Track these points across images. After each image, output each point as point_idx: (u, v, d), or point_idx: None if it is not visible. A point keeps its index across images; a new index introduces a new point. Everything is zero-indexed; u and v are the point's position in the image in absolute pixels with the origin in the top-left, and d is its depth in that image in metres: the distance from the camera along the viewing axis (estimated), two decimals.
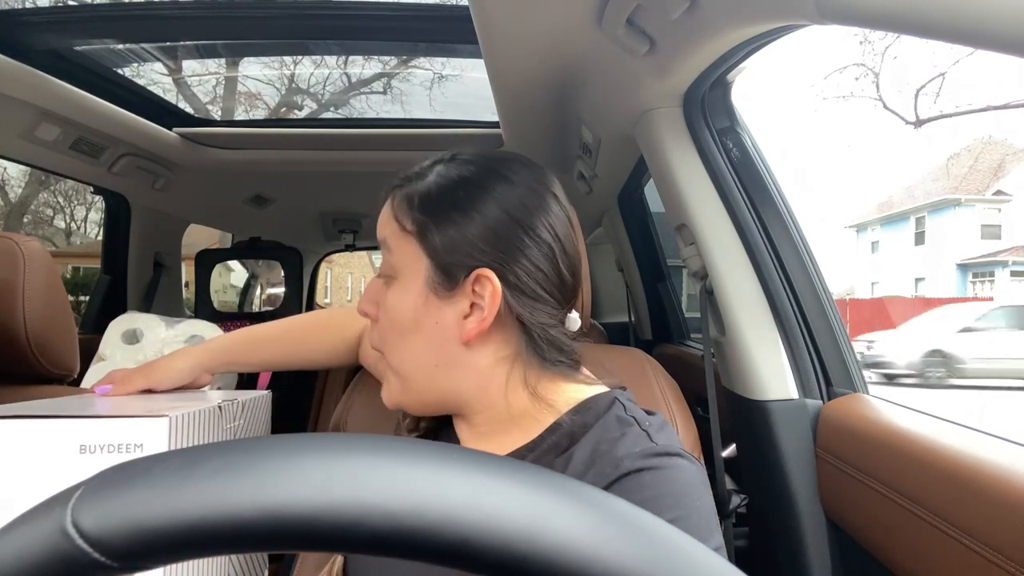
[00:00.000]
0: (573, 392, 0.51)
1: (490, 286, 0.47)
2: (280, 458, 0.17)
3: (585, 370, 0.54)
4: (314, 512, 0.16)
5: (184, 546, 0.16)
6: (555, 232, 0.49)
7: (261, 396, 0.73)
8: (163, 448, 0.46)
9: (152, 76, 1.56)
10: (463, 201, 0.48)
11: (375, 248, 3.35)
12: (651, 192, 1.71)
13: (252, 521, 0.16)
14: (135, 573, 0.17)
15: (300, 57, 1.62)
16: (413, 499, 0.17)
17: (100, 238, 2.14)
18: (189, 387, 0.73)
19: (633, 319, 2.03)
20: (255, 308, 3.19)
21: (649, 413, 0.51)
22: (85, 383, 1.30)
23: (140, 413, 0.48)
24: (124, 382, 0.68)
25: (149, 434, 0.46)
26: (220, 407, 0.59)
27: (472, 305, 0.48)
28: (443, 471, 0.17)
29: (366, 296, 0.54)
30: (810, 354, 0.85)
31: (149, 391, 0.69)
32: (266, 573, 0.71)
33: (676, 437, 0.49)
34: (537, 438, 0.49)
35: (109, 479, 0.17)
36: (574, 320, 0.53)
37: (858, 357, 0.88)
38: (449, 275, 0.48)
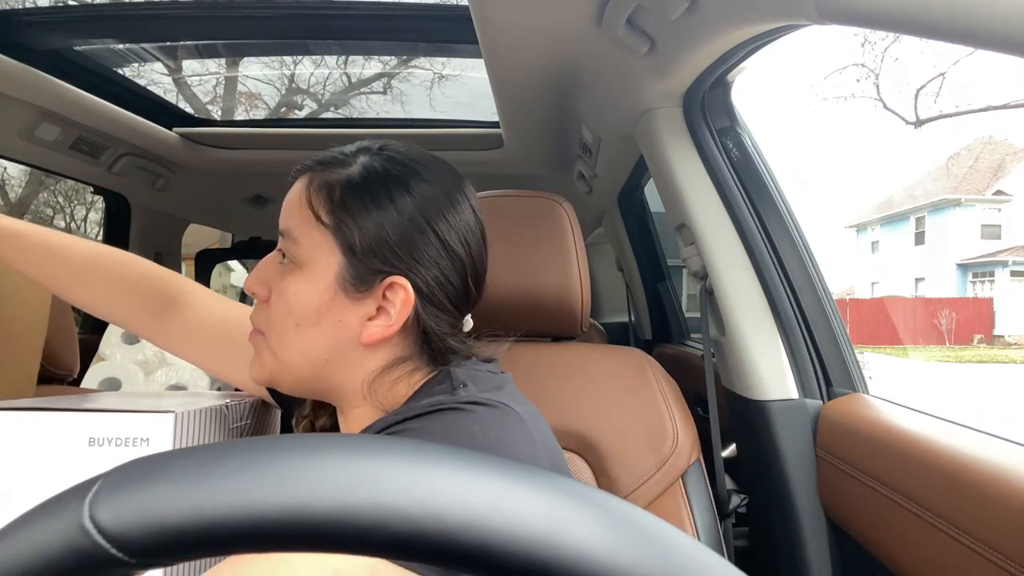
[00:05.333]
0: (418, 380, 0.50)
1: (403, 294, 0.46)
2: (302, 457, 0.17)
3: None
4: (336, 514, 0.16)
5: (204, 544, 0.16)
6: (469, 248, 0.49)
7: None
8: (168, 443, 0.48)
9: (152, 76, 1.56)
10: (385, 201, 0.46)
11: None
12: (651, 192, 1.72)
13: (273, 521, 0.16)
14: (150, 570, 0.17)
15: (300, 57, 1.62)
16: (435, 503, 0.16)
17: (100, 238, 2.14)
18: None
19: (633, 319, 2.04)
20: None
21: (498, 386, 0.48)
22: (85, 383, 1.30)
23: (148, 408, 0.49)
24: None
25: (155, 429, 0.48)
26: (227, 406, 0.59)
27: (379, 308, 0.47)
28: (464, 475, 0.17)
29: (258, 275, 0.51)
30: (810, 354, 0.85)
31: None
32: None
33: (503, 393, 0.46)
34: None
35: (127, 474, 0.17)
36: (467, 322, 0.53)
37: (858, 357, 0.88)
38: (362, 277, 0.46)
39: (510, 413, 0.45)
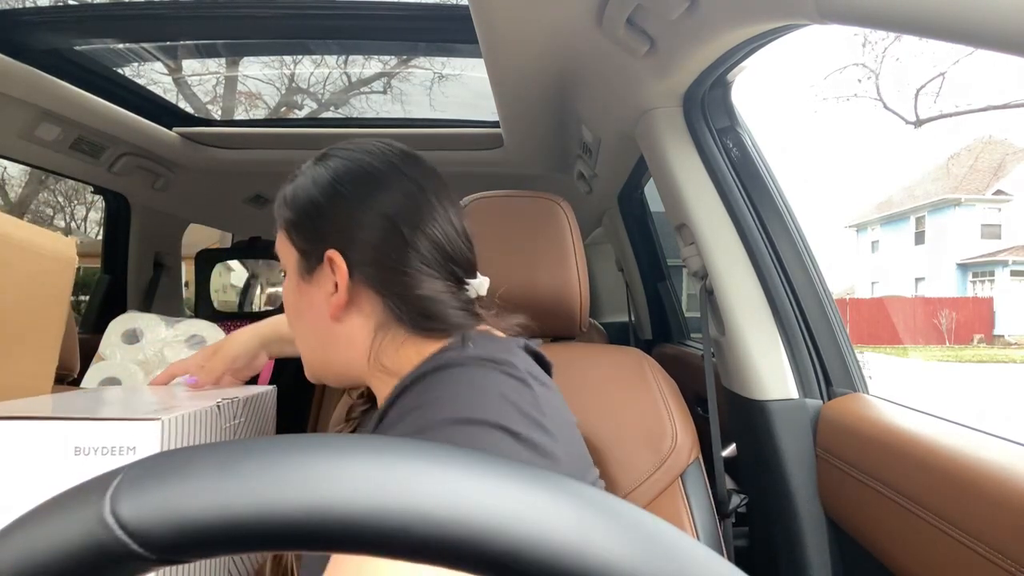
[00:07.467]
0: (431, 349, 0.51)
1: (339, 262, 0.51)
2: (329, 457, 0.17)
3: (484, 328, 0.55)
4: (363, 516, 0.16)
5: (228, 542, 0.16)
6: (387, 211, 0.52)
7: (265, 392, 0.72)
8: (155, 450, 0.46)
9: (152, 76, 1.56)
10: (317, 196, 0.54)
11: None
12: (651, 192, 1.71)
13: (298, 520, 0.16)
14: (169, 566, 0.16)
15: (300, 57, 1.62)
16: (463, 508, 0.16)
17: (100, 238, 2.14)
18: (246, 370, 0.79)
19: (633, 319, 2.03)
20: (255, 308, 3.19)
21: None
22: (85, 383, 1.30)
23: (134, 415, 0.48)
24: (206, 371, 0.75)
25: (141, 437, 0.46)
26: (218, 406, 0.59)
27: (336, 284, 0.52)
28: (494, 481, 0.17)
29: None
30: (810, 354, 0.85)
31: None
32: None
33: (507, 353, 0.48)
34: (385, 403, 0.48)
35: (149, 469, 0.17)
36: (478, 285, 0.56)
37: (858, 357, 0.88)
38: (308, 260, 0.54)
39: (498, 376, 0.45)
